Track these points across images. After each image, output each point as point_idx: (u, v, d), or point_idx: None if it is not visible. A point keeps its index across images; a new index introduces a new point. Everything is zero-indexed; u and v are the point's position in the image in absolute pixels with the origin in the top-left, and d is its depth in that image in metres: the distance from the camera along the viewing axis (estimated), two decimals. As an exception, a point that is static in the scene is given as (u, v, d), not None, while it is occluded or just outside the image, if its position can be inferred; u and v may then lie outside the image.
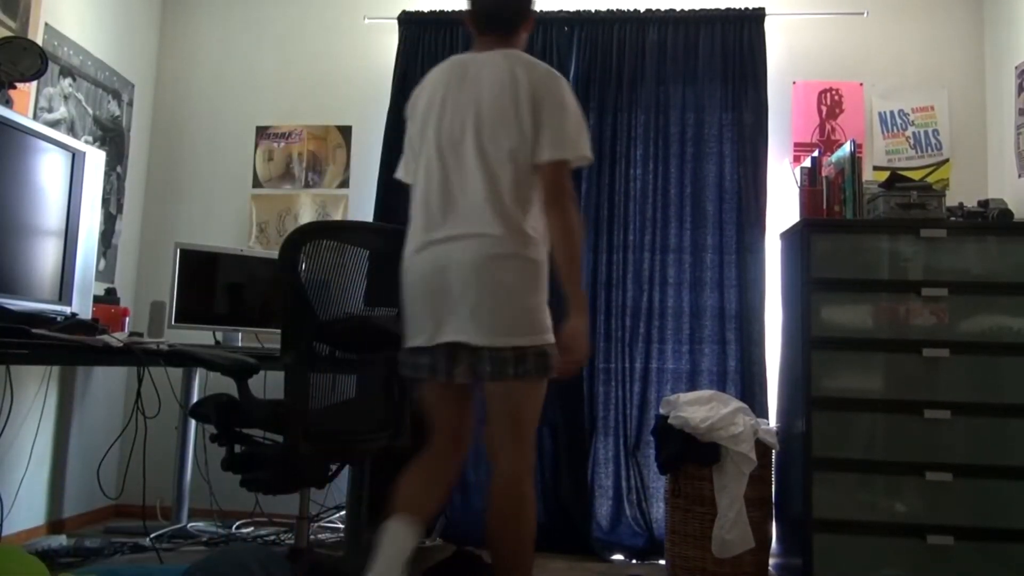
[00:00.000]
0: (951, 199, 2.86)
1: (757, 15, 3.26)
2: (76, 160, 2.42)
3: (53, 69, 2.91)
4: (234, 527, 3.18)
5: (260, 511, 3.23)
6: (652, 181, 3.24)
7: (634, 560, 3.00)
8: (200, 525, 3.14)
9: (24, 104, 2.75)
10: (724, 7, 3.29)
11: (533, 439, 1.89)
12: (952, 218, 2.74)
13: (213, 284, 3.09)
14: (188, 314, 3.01)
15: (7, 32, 2.65)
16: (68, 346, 1.96)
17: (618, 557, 3.02)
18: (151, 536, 2.80)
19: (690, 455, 2.61)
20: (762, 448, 2.61)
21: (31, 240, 2.30)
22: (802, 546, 2.58)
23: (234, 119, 3.65)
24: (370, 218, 3.36)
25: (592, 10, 3.35)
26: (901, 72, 3.36)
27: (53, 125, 2.86)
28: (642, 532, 3.06)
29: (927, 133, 3.31)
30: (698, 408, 2.65)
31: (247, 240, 3.55)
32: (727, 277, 3.15)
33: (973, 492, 2.55)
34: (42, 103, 2.89)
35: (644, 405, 3.14)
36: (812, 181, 2.91)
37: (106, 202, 3.29)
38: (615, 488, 3.12)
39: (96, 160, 2.51)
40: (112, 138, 3.37)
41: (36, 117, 2.81)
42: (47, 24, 2.90)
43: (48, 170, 2.35)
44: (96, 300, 2.72)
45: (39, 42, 2.76)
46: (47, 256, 2.35)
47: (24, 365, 2.74)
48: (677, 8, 3.32)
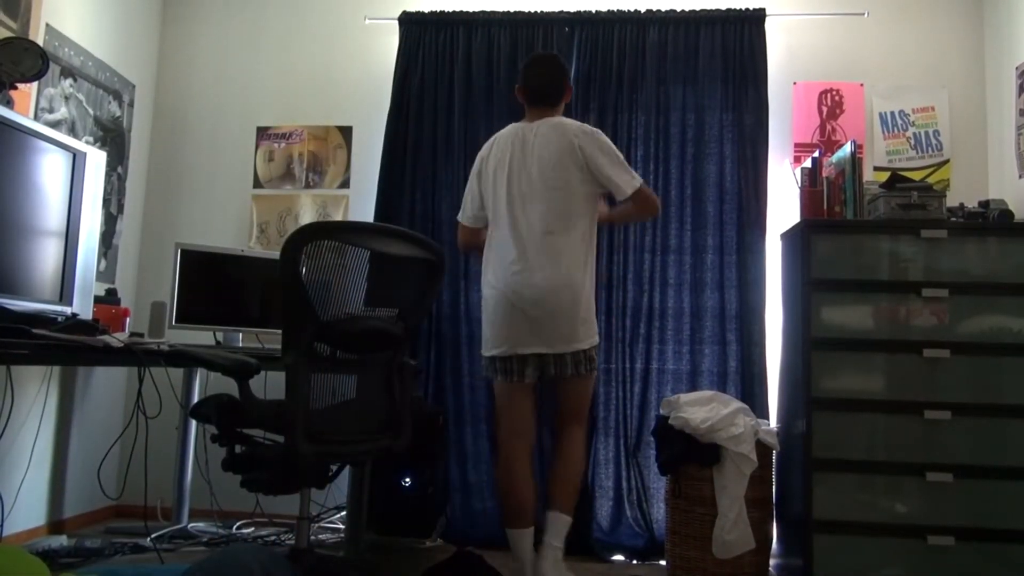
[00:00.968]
0: (952, 200, 2.86)
1: (757, 16, 3.26)
2: (77, 160, 2.42)
3: (54, 70, 2.92)
4: (234, 527, 3.18)
5: (260, 511, 3.23)
6: (653, 182, 3.23)
7: (635, 561, 3.00)
8: (200, 525, 3.14)
9: (25, 105, 2.75)
10: (724, 8, 3.29)
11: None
12: (953, 219, 2.74)
13: (214, 284, 3.09)
14: (189, 314, 3.01)
15: (8, 33, 2.65)
16: (68, 346, 1.96)
17: (619, 558, 3.02)
18: (152, 536, 2.81)
19: (690, 456, 2.61)
20: (762, 449, 2.61)
21: (32, 240, 2.30)
22: (802, 547, 2.58)
23: (235, 119, 3.65)
24: (370, 219, 3.36)
25: (592, 11, 3.35)
26: (902, 73, 3.36)
27: (54, 126, 2.86)
28: (642, 533, 3.06)
29: (928, 134, 3.31)
30: (698, 409, 2.65)
31: (248, 240, 3.55)
32: (727, 278, 3.15)
33: (973, 493, 2.55)
34: (43, 104, 2.90)
35: (644, 406, 3.14)
36: (813, 182, 2.92)
37: (107, 202, 3.29)
38: (615, 489, 3.12)
39: (97, 160, 2.51)
40: (113, 139, 3.37)
41: (37, 118, 2.82)
42: (48, 25, 2.90)
43: (49, 171, 2.35)
44: (97, 300, 2.72)
45: (40, 43, 2.76)
46: (48, 256, 2.35)
47: (25, 365, 2.74)
48: (677, 8, 3.32)
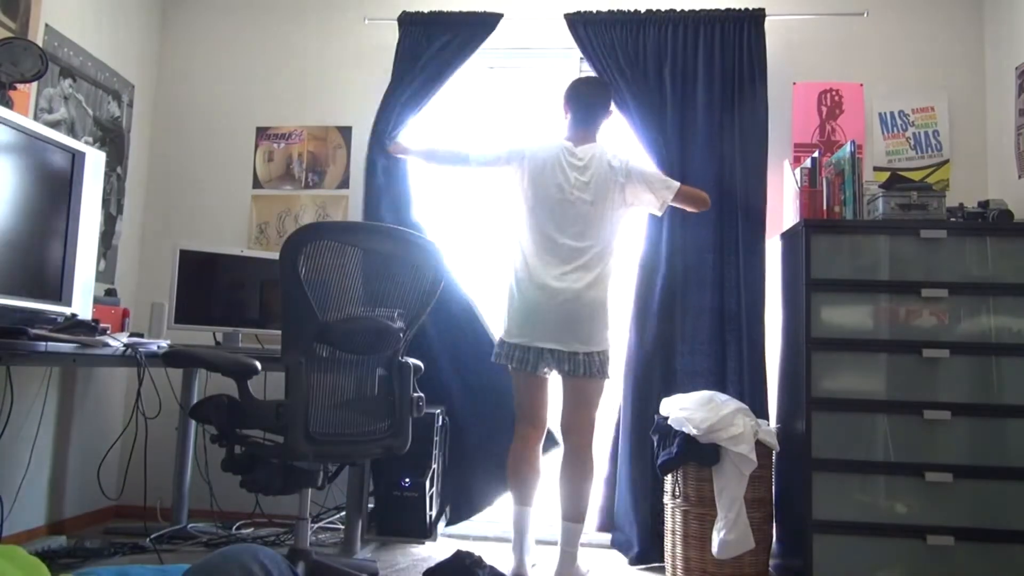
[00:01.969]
0: (951, 200, 2.86)
1: (757, 16, 3.25)
2: (76, 161, 2.42)
3: (53, 70, 2.91)
4: (234, 528, 3.18)
5: (260, 512, 3.23)
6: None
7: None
8: (200, 526, 3.14)
9: (24, 105, 2.75)
10: (724, 8, 3.29)
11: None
12: (952, 219, 2.74)
13: (213, 285, 3.09)
14: (188, 315, 3.01)
15: (7, 33, 2.65)
16: (68, 345, 1.96)
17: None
18: (151, 537, 2.80)
19: (690, 456, 2.61)
20: (762, 449, 2.61)
21: (31, 241, 2.30)
22: (802, 547, 2.58)
23: (234, 120, 3.65)
24: (364, 218, 3.35)
25: (593, 10, 3.35)
26: (901, 73, 3.36)
27: (53, 126, 2.86)
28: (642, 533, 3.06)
29: (927, 134, 3.31)
30: (698, 409, 2.65)
31: (247, 241, 3.55)
32: (727, 278, 3.14)
33: (973, 493, 2.55)
34: (42, 104, 2.90)
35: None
36: (812, 182, 2.92)
37: (106, 203, 3.29)
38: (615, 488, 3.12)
39: (96, 161, 2.51)
40: (112, 139, 3.37)
41: (36, 118, 2.81)
42: (47, 25, 2.90)
43: (48, 171, 2.35)
44: (96, 301, 2.72)
45: (39, 43, 2.76)
46: (47, 257, 2.35)
47: (24, 366, 2.74)
48: (677, 8, 3.32)
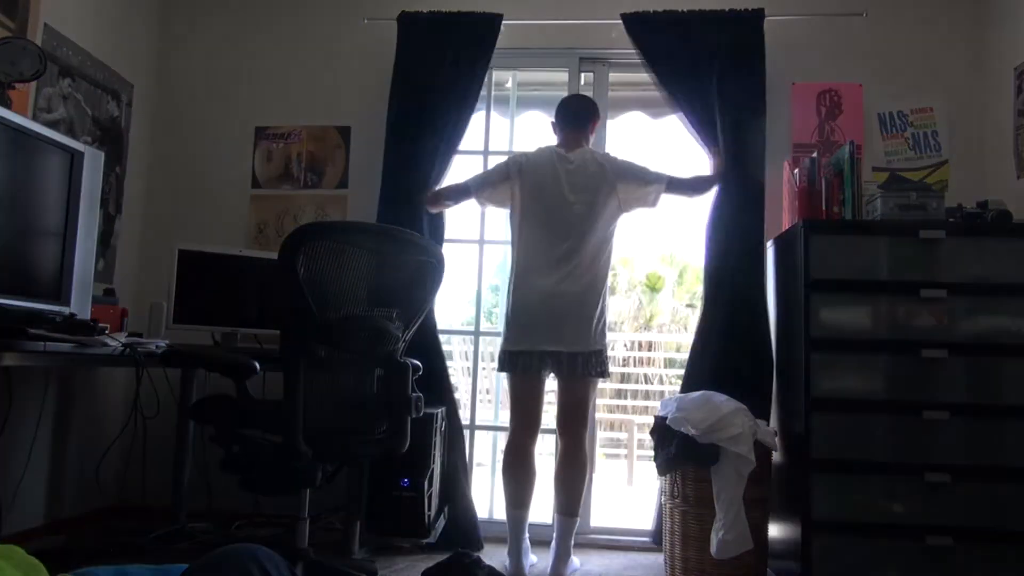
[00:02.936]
0: (950, 200, 2.86)
1: (756, 16, 3.25)
2: (75, 160, 2.42)
3: (52, 69, 2.91)
4: (233, 527, 3.18)
5: (259, 511, 3.22)
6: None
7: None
8: (199, 526, 3.14)
9: (23, 104, 2.74)
10: (723, 8, 3.28)
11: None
12: (951, 219, 2.74)
13: (212, 285, 3.09)
14: (187, 314, 3.01)
15: (6, 32, 2.65)
16: (66, 345, 1.96)
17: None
18: (150, 536, 2.80)
19: (689, 456, 2.60)
20: (761, 449, 2.61)
21: (30, 240, 2.29)
22: (801, 547, 2.58)
23: (233, 119, 3.64)
24: (371, 219, 3.34)
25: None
26: (900, 73, 3.36)
27: (52, 125, 2.85)
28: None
29: (926, 134, 3.31)
30: (696, 409, 2.65)
31: (246, 241, 3.55)
32: (726, 278, 3.14)
33: (972, 493, 2.54)
34: (41, 103, 2.89)
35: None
36: (811, 182, 2.92)
37: (105, 202, 3.28)
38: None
39: (95, 160, 2.50)
40: (111, 138, 3.36)
41: (35, 117, 2.81)
42: (46, 24, 2.90)
43: (47, 170, 2.34)
44: (95, 300, 2.72)
45: (38, 42, 2.76)
46: (46, 256, 2.34)
47: (23, 365, 2.74)
48: (676, 9, 3.31)
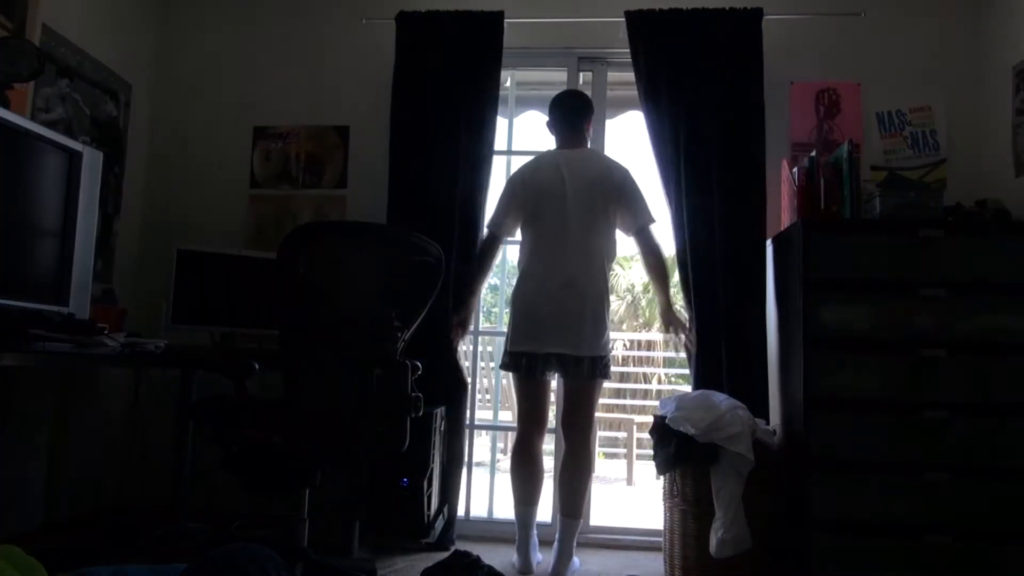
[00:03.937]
0: (948, 199, 2.86)
1: (754, 15, 3.25)
2: (73, 160, 2.41)
3: (50, 69, 2.91)
4: (233, 527, 3.17)
5: (259, 511, 3.22)
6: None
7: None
8: (198, 526, 3.13)
9: (21, 104, 2.74)
10: (721, 7, 3.28)
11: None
12: (949, 218, 2.74)
13: (211, 285, 3.09)
14: (186, 314, 3.01)
15: (4, 32, 2.65)
16: (65, 345, 1.96)
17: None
18: (150, 536, 2.80)
19: (688, 456, 2.61)
20: (760, 448, 2.61)
21: (28, 240, 2.29)
22: (800, 547, 2.58)
23: (232, 119, 3.64)
24: (371, 219, 3.33)
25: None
26: (899, 72, 3.36)
27: (50, 125, 2.85)
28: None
29: (924, 133, 3.31)
30: (696, 409, 2.65)
31: (245, 241, 3.55)
32: (726, 278, 3.14)
33: (971, 492, 2.55)
34: (39, 103, 2.89)
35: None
36: (810, 181, 2.91)
37: (103, 202, 3.28)
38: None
39: (93, 160, 2.50)
40: (109, 139, 3.36)
41: (33, 117, 2.81)
42: (45, 24, 2.89)
43: (45, 170, 2.34)
44: (94, 300, 2.71)
45: (36, 42, 2.75)
46: (44, 256, 2.34)
47: (22, 365, 2.74)
48: (680, 7, 3.30)
